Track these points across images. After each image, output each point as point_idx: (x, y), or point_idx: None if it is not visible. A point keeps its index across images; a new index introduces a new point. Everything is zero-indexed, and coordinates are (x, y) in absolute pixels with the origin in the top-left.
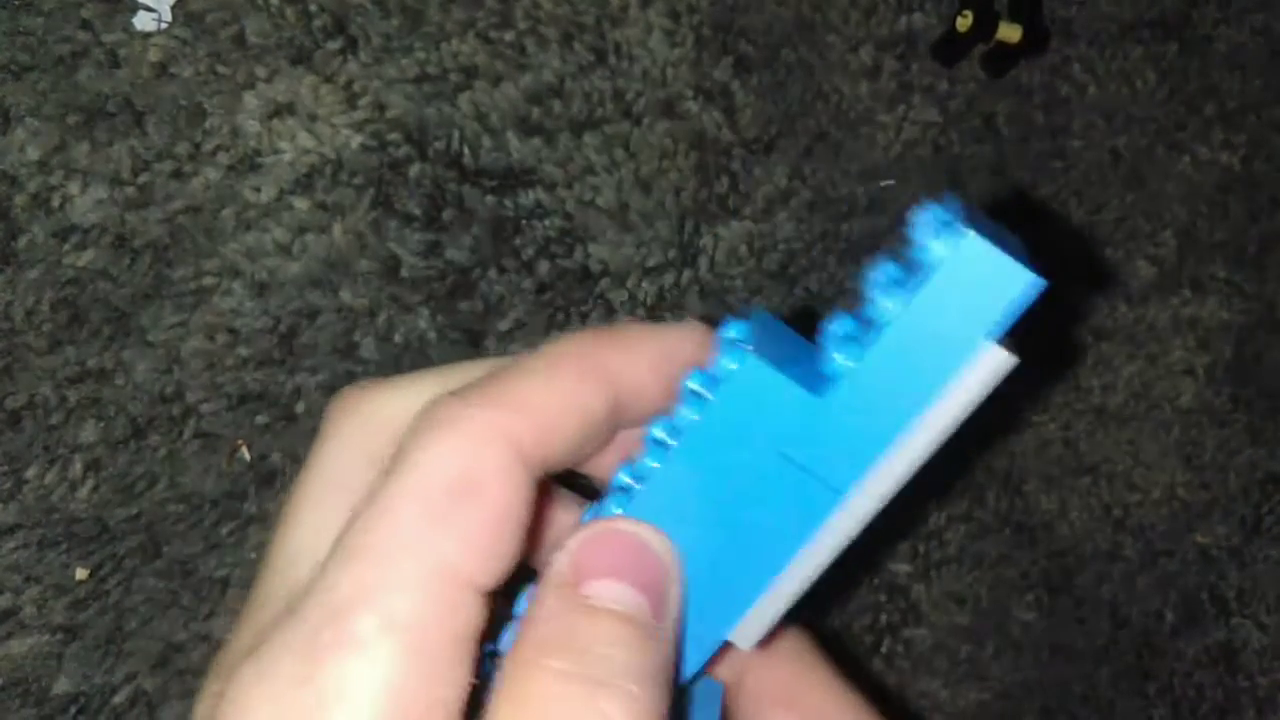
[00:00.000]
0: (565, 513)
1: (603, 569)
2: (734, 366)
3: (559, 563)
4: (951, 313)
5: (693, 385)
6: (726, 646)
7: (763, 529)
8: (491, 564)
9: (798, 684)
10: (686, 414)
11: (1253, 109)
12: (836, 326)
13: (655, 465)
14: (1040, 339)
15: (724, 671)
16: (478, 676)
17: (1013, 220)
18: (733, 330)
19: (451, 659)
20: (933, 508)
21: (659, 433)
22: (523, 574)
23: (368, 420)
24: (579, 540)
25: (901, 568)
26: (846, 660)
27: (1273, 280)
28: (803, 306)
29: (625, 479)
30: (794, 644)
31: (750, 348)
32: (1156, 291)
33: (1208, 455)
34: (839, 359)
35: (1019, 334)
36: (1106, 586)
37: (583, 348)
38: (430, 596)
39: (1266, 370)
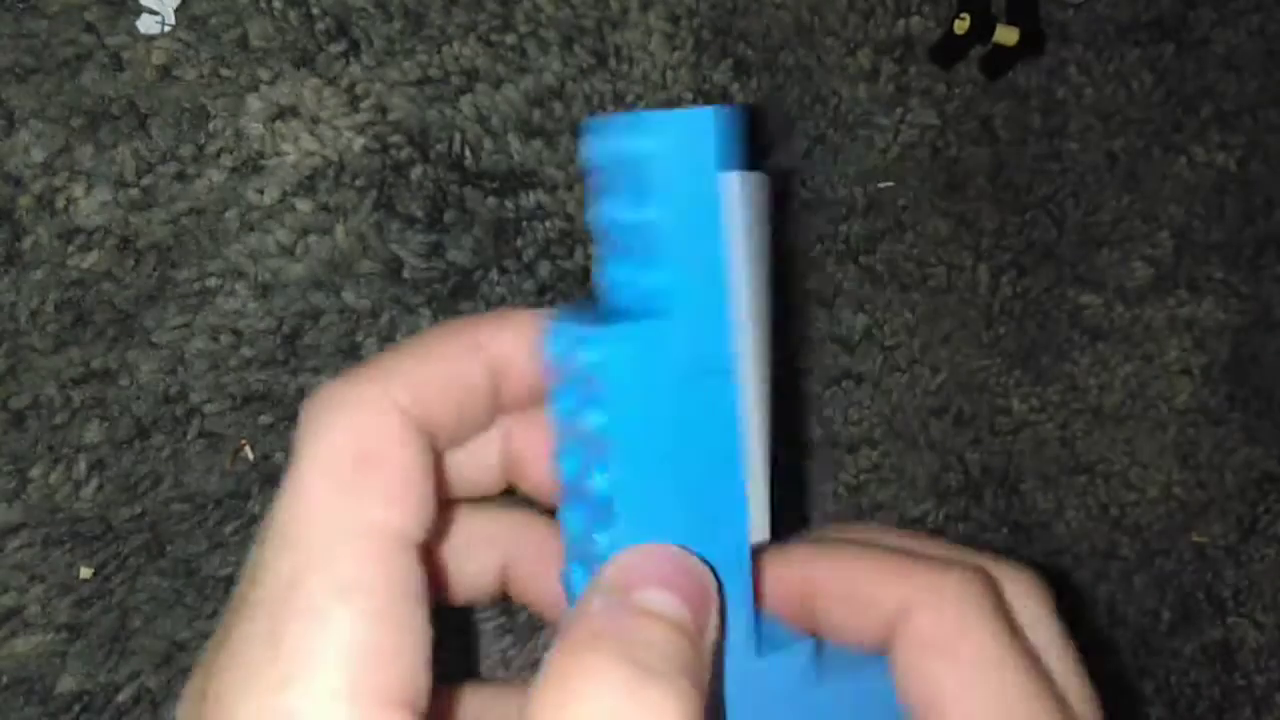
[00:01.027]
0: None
1: (651, 579)
2: (599, 354)
3: (606, 573)
4: (685, 180)
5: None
6: (757, 560)
7: (707, 442)
8: (412, 518)
9: (960, 632)
10: (592, 390)
11: (1249, 111)
12: (613, 273)
13: (598, 455)
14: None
15: (874, 622)
16: (437, 630)
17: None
18: (564, 332)
19: (406, 609)
20: (931, 506)
21: (583, 422)
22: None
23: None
24: (626, 553)
25: None
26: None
27: (1269, 281)
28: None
29: (571, 475)
30: (959, 589)
31: (597, 330)
32: (1153, 292)
33: (1204, 455)
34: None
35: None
36: (1103, 585)
37: (463, 328)
38: (368, 556)
39: (1263, 370)
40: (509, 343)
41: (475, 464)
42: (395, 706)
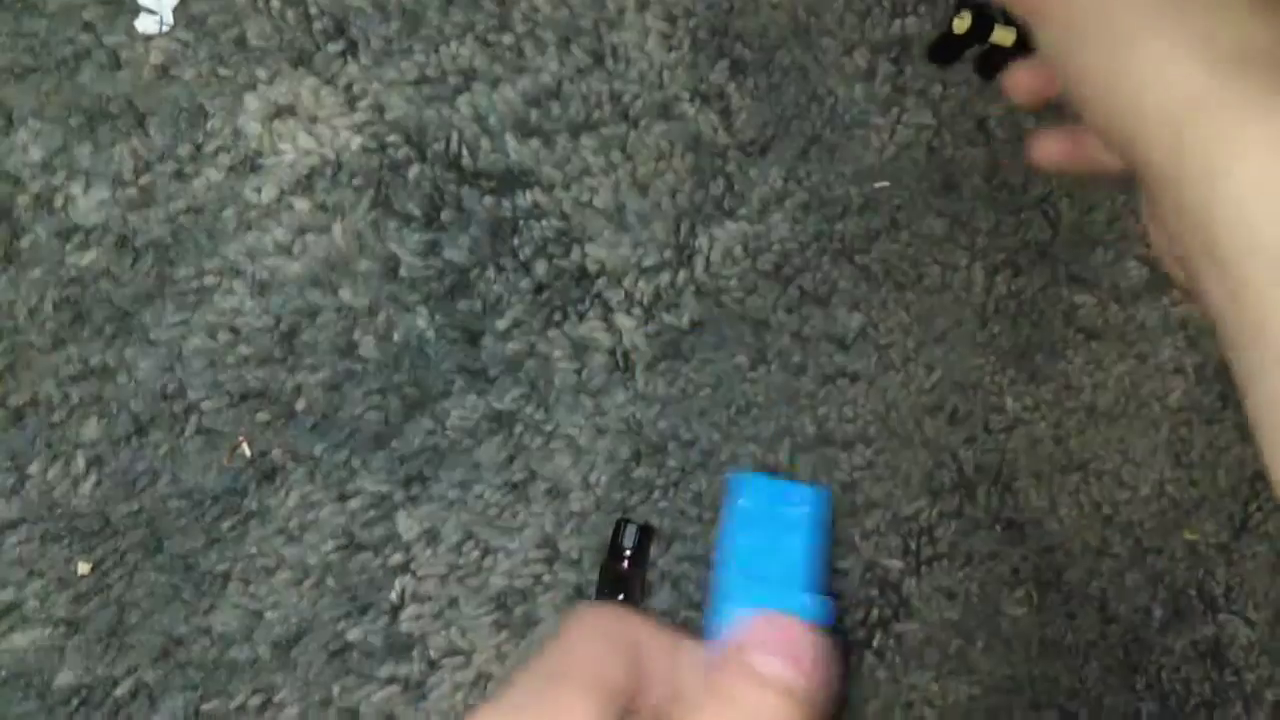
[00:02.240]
0: None
1: (770, 646)
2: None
3: (732, 636)
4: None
5: None
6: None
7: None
8: None
9: None
10: None
11: None
12: None
13: None
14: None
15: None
16: None
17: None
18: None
19: None
20: (924, 504)
21: None
22: None
23: None
24: (751, 620)
25: (893, 563)
26: (839, 654)
27: None
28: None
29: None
30: None
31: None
32: (1147, 292)
33: (1196, 453)
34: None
35: None
36: (1095, 582)
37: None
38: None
39: None
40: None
41: None
42: None
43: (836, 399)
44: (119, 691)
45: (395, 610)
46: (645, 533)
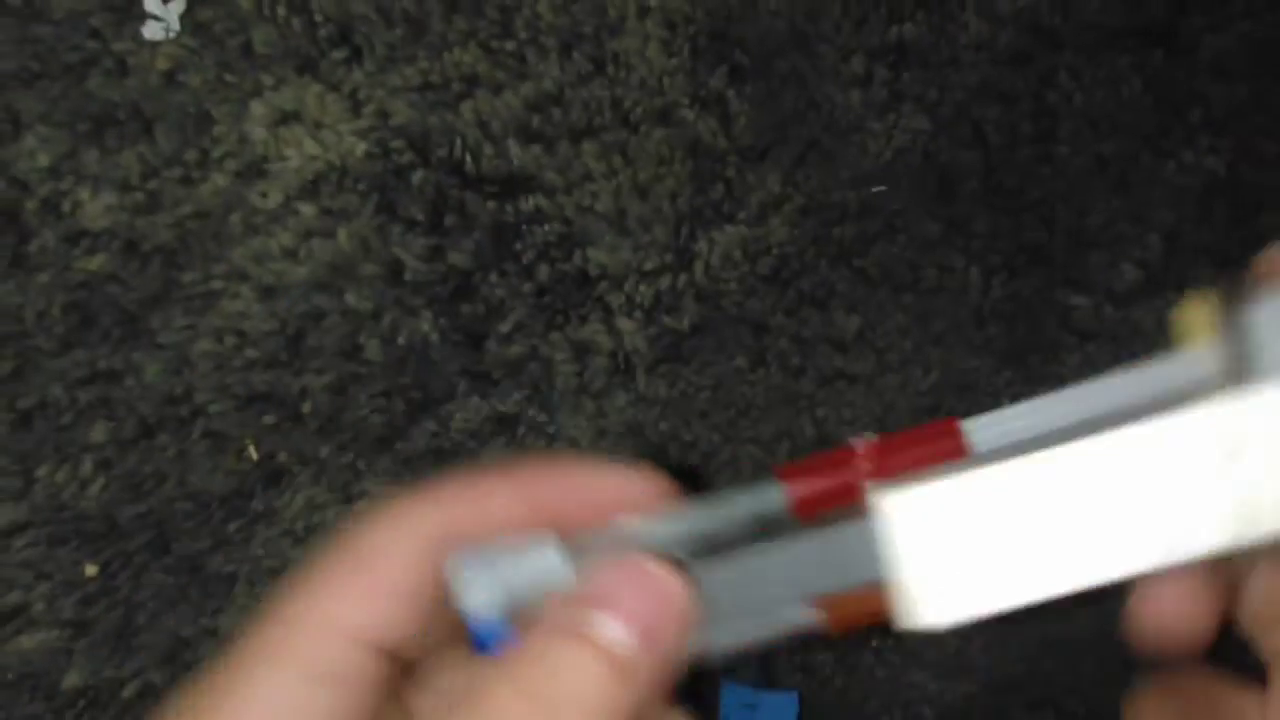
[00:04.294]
0: None
1: (608, 600)
2: None
3: (580, 587)
4: None
5: None
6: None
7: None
8: (379, 619)
9: None
10: None
11: (1237, 115)
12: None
13: None
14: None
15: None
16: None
17: None
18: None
19: (320, 691)
20: None
21: None
22: None
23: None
24: (603, 569)
25: None
26: (836, 653)
27: None
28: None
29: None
30: None
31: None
32: (1142, 294)
33: None
34: None
35: None
36: None
37: (529, 472)
38: (317, 640)
39: None
40: (569, 500)
41: None
42: None
43: (835, 400)
44: (126, 693)
45: None
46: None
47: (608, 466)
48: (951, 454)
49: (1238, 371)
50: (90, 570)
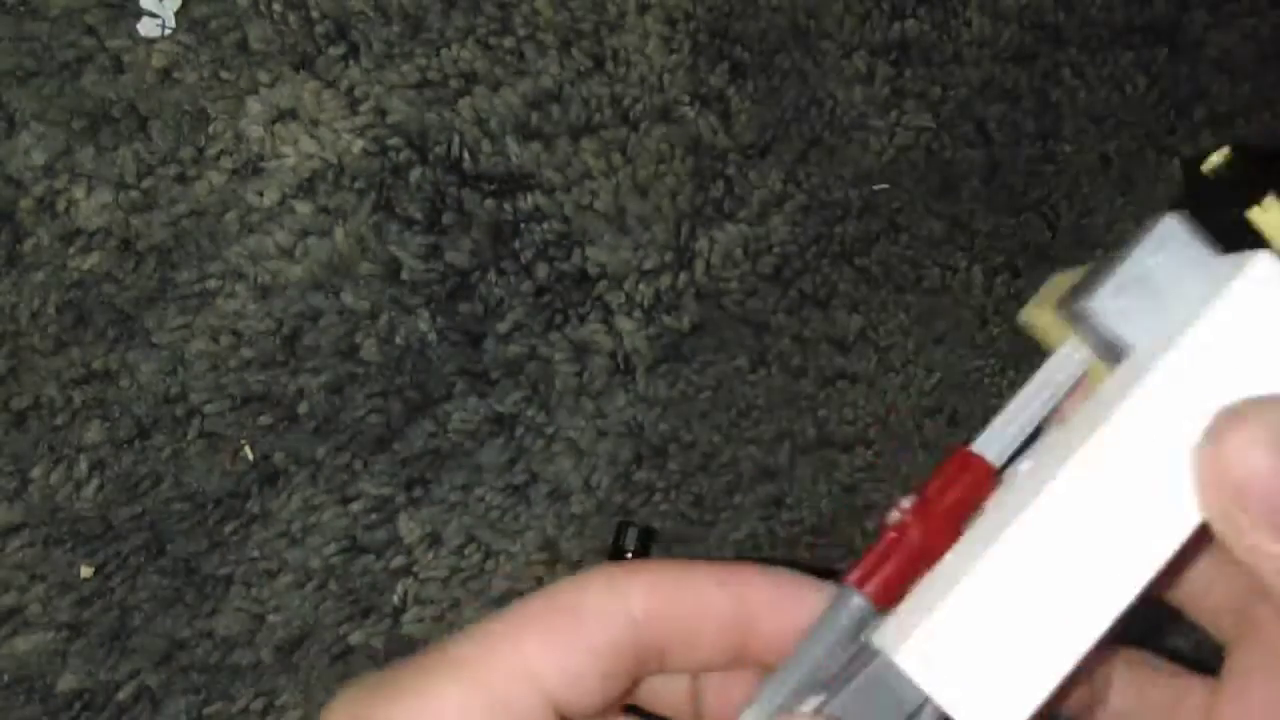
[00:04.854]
0: None
1: None
2: None
3: None
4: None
5: None
6: None
7: None
8: (560, 672)
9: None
10: None
11: (1241, 113)
12: None
13: None
14: None
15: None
16: None
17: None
18: None
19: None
20: None
21: None
22: None
23: None
24: None
25: None
26: None
27: None
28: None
29: None
30: None
31: None
32: None
33: None
34: None
35: None
36: None
37: (741, 573)
38: (515, 683)
39: None
40: (768, 598)
41: (669, 689)
42: None
43: (836, 401)
44: (121, 696)
45: (397, 613)
46: (647, 535)
47: (805, 583)
48: (983, 485)
49: (1108, 355)
50: (85, 572)
